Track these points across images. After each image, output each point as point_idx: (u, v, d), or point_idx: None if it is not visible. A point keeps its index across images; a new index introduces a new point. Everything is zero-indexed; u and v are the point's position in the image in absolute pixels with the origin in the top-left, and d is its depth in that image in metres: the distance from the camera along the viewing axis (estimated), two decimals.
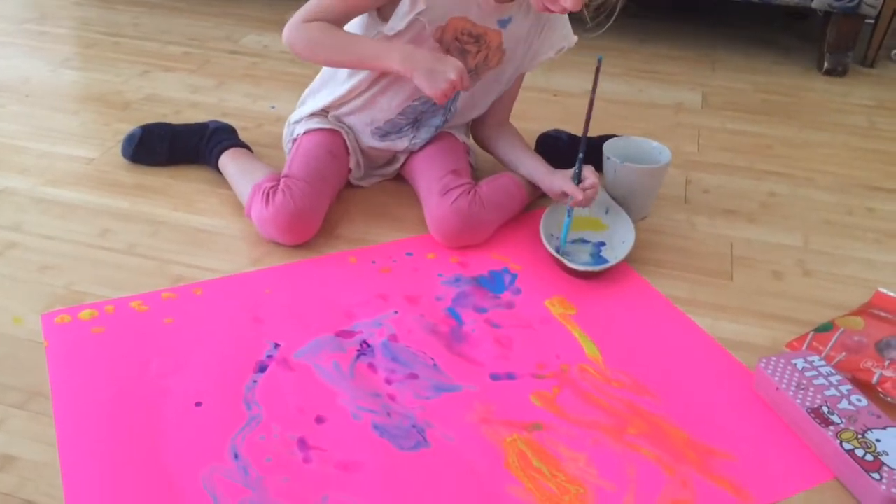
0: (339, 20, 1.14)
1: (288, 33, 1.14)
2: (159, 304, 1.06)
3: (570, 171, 1.19)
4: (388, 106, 1.23)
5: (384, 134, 1.28)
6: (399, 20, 1.12)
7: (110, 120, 1.56)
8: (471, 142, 1.35)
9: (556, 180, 1.19)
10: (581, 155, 1.16)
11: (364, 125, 1.27)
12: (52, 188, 1.32)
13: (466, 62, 1.17)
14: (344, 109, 1.26)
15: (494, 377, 0.96)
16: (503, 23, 1.17)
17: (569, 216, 1.17)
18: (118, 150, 1.43)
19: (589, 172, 1.17)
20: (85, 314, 1.03)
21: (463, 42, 1.16)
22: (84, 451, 0.84)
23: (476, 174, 1.32)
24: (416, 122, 1.27)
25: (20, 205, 1.27)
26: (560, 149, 1.38)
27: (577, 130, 1.43)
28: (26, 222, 1.22)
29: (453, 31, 1.15)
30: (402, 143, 1.29)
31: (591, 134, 1.43)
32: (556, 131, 1.43)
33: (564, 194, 1.17)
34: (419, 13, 1.11)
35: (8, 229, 1.20)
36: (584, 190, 1.16)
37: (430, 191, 1.21)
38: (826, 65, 1.92)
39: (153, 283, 1.10)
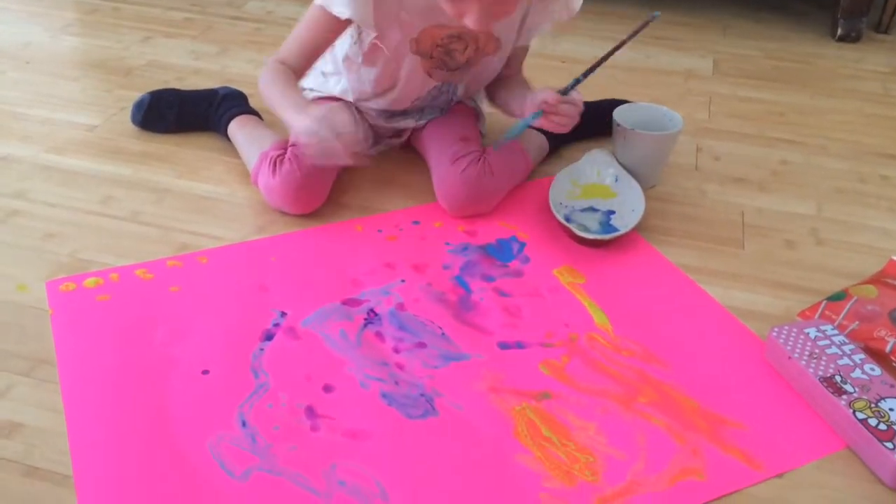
0: (307, 57, 1.13)
1: (262, 71, 1.14)
2: (164, 271, 1.05)
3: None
4: (396, 106, 1.24)
5: (390, 116, 1.27)
6: (363, 43, 1.13)
7: (112, 87, 1.54)
8: (480, 107, 1.32)
9: (539, 93, 1.13)
10: (582, 78, 1.12)
11: (370, 109, 1.26)
12: (55, 155, 1.30)
13: (455, 59, 1.15)
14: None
15: (503, 346, 0.96)
16: None
17: (533, 118, 1.11)
18: (121, 117, 1.41)
19: (577, 94, 1.12)
20: (90, 282, 1.02)
21: (446, 45, 1.14)
22: (91, 419, 0.84)
23: (485, 140, 1.30)
24: (421, 108, 1.26)
25: (22, 172, 1.26)
26: None
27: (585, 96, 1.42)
28: (29, 190, 1.21)
29: (430, 40, 1.13)
30: (408, 124, 1.28)
31: (596, 99, 1.42)
32: None
33: (545, 102, 1.11)
34: (374, 38, 1.11)
35: (10, 197, 1.19)
36: (564, 103, 1.10)
37: (440, 159, 1.19)
38: (839, 30, 1.88)
39: (158, 250, 1.09)
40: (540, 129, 1.30)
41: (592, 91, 1.48)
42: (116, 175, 1.26)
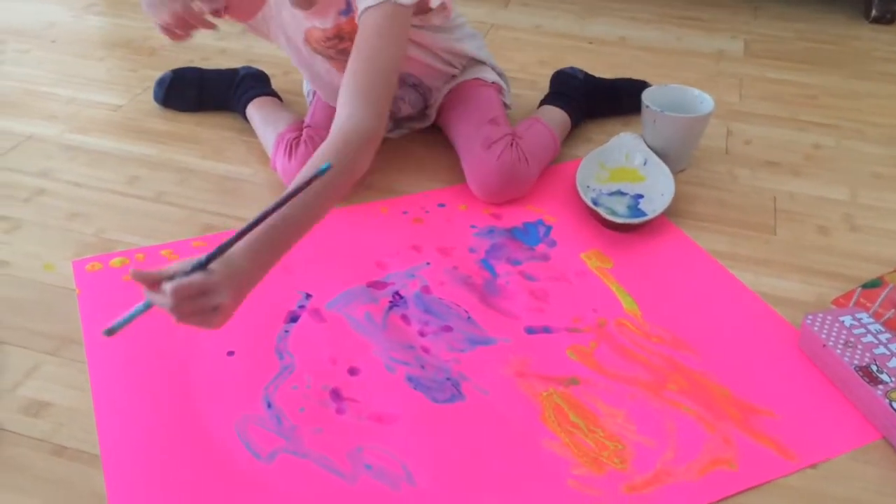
0: None
1: None
2: (190, 252, 1.04)
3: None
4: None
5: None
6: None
7: (137, 66, 1.54)
8: (502, 81, 1.28)
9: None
10: (216, 253, 0.73)
11: None
12: (80, 135, 1.30)
13: None
14: None
15: (530, 330, 0.94)
16: (346, 12, 1.04)
17: (142, 308, 0.73)
18: (145, 96, 1.41)
19: (186, 281, 0.70)
20: (116, 262, 1.02)
21: (334, 46, 1.10)
22: (118, 398, 0.84)
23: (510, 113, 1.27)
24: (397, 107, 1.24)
25: (48, 151, 1.26)
26: (573, 86, 1.34)
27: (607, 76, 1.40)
28: (54, 169, 1.21)
29: (315, 41, 1.10)
30: (412, 123, 1.29)
31: (622, 76, 1.40)
32: (572, 69, 1.39)
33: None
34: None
35: (36, 176, 1.19)
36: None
37: (470, 145, 1.15)
38: (874, 12, 1.84)
39: (182, 231, 1.09)
40: (560, 107, 1.28)
41: (615, 70, 1.46)
42: (141, 155, 1.25)
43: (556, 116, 1.27)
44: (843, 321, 0.91)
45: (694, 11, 1.85)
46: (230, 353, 0.89)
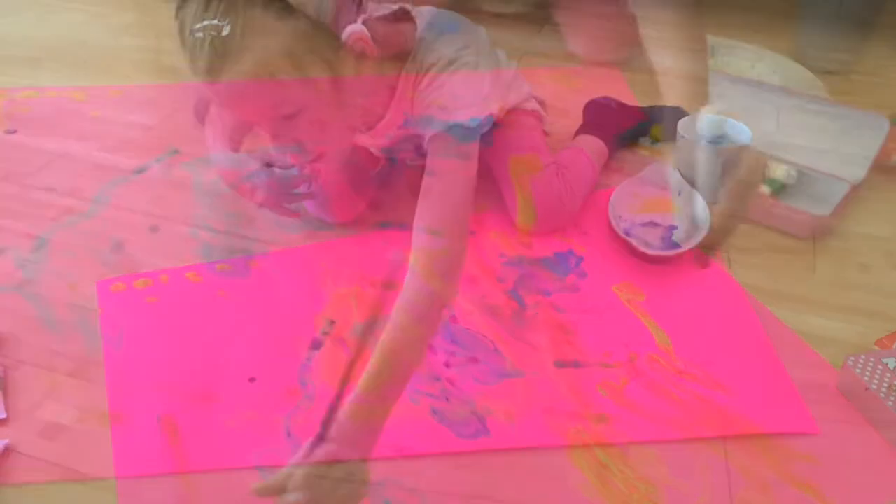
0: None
1: None
2: (214, 275, 1.03)
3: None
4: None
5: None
6: None
7: (170, 87, 1.54)
8: (541, 108, 1.25)
9: None
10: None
11: None
12: (110, 154, 1.31)
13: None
14: None
15: (559, 364, 0.91)
16: (401, 128, 0.99)
17: None
18: (175, 118, 1.41)
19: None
20: (140, 283, 1.01)
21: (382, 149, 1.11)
22: (135, 423, 0.82)
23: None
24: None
25: (77, 170, 1.26)
26: (608, 115, 1.32)
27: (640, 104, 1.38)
28: (84, 188, 1.21)
29: (360, 148, 1.10)
30: None
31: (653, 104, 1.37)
32: (606, 98, 1.36)
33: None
34: None
35: (65, 195, 1.19)
36: None
37: (514, 173, 1.13)
38: None
39: (208, 253, 1.08)
40: (599, 137, 1.26)
41: (648, 98, 1.43)
42: (171, 176, 1.25)
43: (595, 147, 1.25)
44: (886, 363, 0.87)
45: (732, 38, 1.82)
46: (252, 380, 0.88)
